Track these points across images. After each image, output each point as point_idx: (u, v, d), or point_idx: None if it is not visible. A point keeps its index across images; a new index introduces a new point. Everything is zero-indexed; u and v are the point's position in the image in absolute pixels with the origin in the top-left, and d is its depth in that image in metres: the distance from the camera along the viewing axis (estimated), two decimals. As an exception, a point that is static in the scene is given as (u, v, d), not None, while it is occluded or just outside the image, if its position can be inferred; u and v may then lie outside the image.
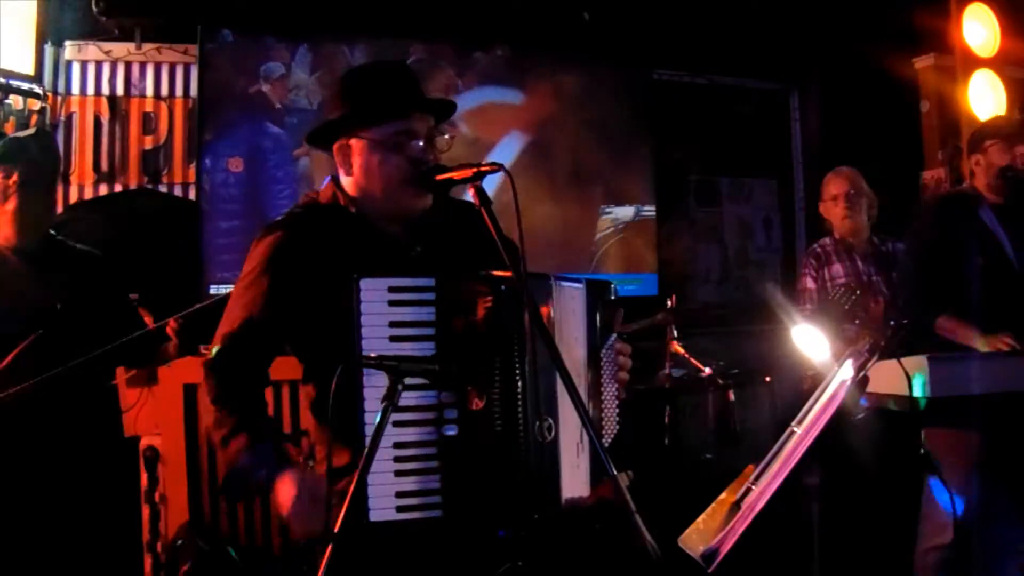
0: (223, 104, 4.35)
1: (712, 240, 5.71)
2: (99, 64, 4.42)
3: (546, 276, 1.84)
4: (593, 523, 1.82)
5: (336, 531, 1.50)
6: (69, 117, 4.36)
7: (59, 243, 2.96)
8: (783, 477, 1.89)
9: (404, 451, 1.70)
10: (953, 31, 4.82)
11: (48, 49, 4.28)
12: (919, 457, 2.58)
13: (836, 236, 4.04)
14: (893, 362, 2.38)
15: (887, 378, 2.53)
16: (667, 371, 4.09)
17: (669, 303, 4.11)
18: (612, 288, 1.97)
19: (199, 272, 4.19)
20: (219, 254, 4.22)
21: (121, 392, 3.66)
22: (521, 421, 1.71)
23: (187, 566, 3.27)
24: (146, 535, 3.61)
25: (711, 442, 4.10)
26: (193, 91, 4.46)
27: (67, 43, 4.35)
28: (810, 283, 3.99)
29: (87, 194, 4.36)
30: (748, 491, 1.95)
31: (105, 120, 4.40)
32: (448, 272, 1.78)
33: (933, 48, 5.08)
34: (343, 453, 1.82)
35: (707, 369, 4.05)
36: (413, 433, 1.71)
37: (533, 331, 1.69)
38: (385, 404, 1.58)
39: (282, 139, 4.47)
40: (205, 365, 1.94)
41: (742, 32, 5.34)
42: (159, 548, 3.60)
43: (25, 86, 4.06)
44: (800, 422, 2.06)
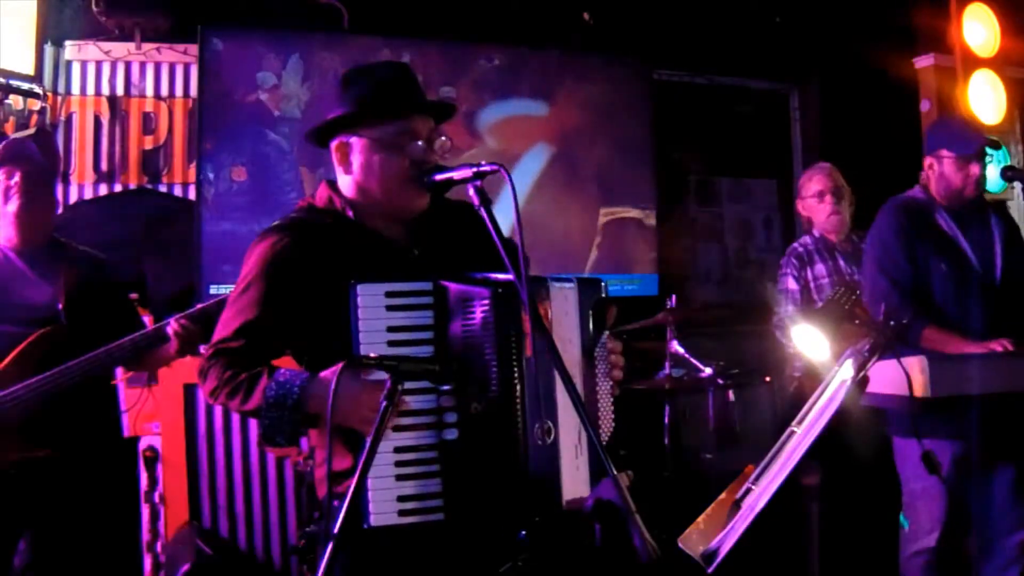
0: (224, 111, 4.34)
1: (712, 240, 5.70)
2: (99, 64, 4.41)
3: (541, 278, 1.84)
4: (594, 524, 1.82)
5: (337, 534, 1.49)
6: (69, 117, 4.35)
7: (61, 244, 2.97)
8: (783, 477, 1.89)
9: (404, 455, 1.70)
10: (953, 31, 4.82)
11: (48, 49, 4.27)
12: (920, 457, 2.58)
13: (817, 235, 3.97)
14: (893, 362, 2.38)
15: (887, 378, 2.52)
16: (667, 371, 4.09)
17: (669, 303, 4.11)
18: (603, 286, 1.96)
19: (199, 272, 4.18)
20: (219, 254, 4.21)
21: (121, 392, 3.67)
22: (520, 424, 1.71)
23: (187, 566, 3.27)
24: (146, 535, 3.62)
25: (711, 442, 4.11)
26: (193, 91, 4.45)
27: (67, 43, 4.34)
28: (792, 284, 3.90)
29: (87, 194, 4.35)
30: (748, 491, 1.95)
31: (105, 120, 4.40)
32: (445, 276, 1.78)
33: (933, 48, 5.07)
34: (344, 457, 1.81)
35: (707, 369, 4.05)
36: (413, 437, 1.71)
37: (532, 333, 1.69)
38: (385, 405, 1.58)
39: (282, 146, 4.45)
40: (200, 368, 1.91)
41: (742, 32, 5.34)
42: (159, 548, 3.61)
43: (25, 86, 4.05)
44: (800, 422, 2.06)
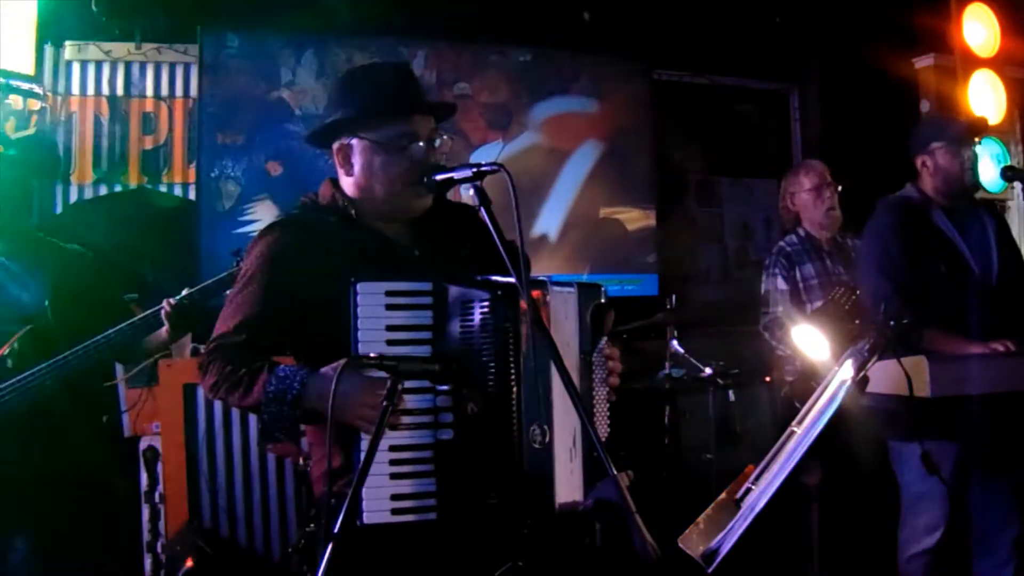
0: (247, 107, 4.36)
1: (712, 240, 5.70)
2: (99, 64, 4.41)
3: (542, 280, 1.83)
4: (588, 527, 1.82)
5: (335, 532, 1.49)
6: (69, 117, 4.35)
7: (48, 243, 2.96)
8: (783, 477, 1.89)
9: (399, 454, 1.71)
10: (953, 31, 4.83)
11: (48, 49, 4.27)
12: (919, 457, 2.57)
13: (803, 233, 3.87)
14: (893, 362, 2.38)
15: (887, 379, 2.52)
16: (667, 371, 4.10)
17: (669, 303, 4.11)
18: (603, 291, 1.95)
19: (199, 272, 4.18)
20: (218, 254, 4.21)
21: (121, 392, 3.66)
22: (516, 426, 1.71)
23: (187, 566, 3.27)
24: (146, 535, 3.62)
25: (711, 442, 4.10)
26: (193, 91, 4.45)
27: (67, 43, 4.34)
28: (782, 284, 3.78)
29: (87, 194, 4.35)
30: (748, 491, 1.95)
31: (105, 120, 4.40)
32: (445, 276, 1.78)
33: (933, 48, 5.07)
34: (336, 455, 1.80)
35: (707, 369, 4.05)
36: (408, 436, 1.72)
37: (530, 335, 1.69)
38: (385, 404, 1.58)
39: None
40: (200, 363, 1.92)
41: (742, 32, 5.34)
42: (159, 548, 3.60)
43: (25, 86, 4.06)
44: (800, 422, 2.06)
